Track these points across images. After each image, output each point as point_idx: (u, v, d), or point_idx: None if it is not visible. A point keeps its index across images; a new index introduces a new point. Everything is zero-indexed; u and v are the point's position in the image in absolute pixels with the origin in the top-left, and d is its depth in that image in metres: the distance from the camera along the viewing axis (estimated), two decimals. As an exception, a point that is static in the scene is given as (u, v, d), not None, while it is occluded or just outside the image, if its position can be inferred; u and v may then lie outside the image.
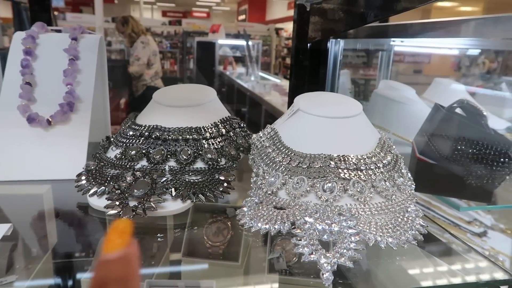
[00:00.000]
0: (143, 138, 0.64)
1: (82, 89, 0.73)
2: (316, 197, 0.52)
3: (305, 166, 0.56)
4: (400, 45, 1.44)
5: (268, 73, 6.13)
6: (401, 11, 0.78)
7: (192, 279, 0.51)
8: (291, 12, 1.19)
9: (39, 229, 0.59)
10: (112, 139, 0.70)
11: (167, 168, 0.60)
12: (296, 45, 1.14)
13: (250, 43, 4.87)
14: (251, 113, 3.55)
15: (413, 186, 0.58)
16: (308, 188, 0.53)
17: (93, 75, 0.75)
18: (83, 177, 0.61)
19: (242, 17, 12.82)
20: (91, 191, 0.58)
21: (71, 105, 0.71)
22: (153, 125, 0.65)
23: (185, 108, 0.69)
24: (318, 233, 0.46)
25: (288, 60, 11.05)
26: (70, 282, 0.56)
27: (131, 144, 0.64)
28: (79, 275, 0.52)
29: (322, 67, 1.17)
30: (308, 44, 1.13)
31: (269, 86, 3.91)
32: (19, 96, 0.70)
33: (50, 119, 0.69)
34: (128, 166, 0.61)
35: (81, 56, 0.75)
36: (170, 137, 0.64)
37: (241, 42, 6.26)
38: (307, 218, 0.48)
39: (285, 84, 4.36)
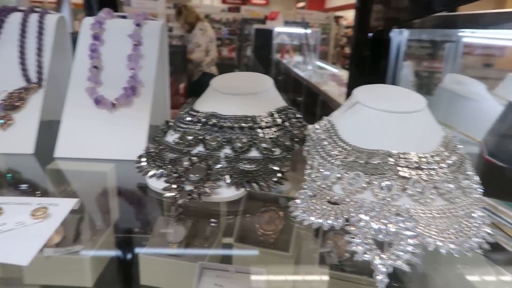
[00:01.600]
0: (200, 124, 0.66)
1: (144, 74, 0.76)
2: (373, 194, 0.50)
3: (362, 162, 0.54)
4: (470, 36, 1.34)
5: (325, 62, 6.00)
6: (473, 0, 0.72)
7: (243, 265, 0.52)
8: (353, 0, 1.15)
9: (102, 205, 0.63)
10: (170, 124, 0.72)
11: (222, 155, 0.60)
12: (357, 34, 1.10)
13: (308, 31, 4.78)
14: (307, 103, 3.50)
15: (481, 190, 0.54)
16: (364, 185, 0.51)
17: (155, 60, 0.77)
18: (143, 159, 0.64)
19: (301, 4, 12.61)
20: (150, 173, 0.60)
21: (134, 89, 0.73)
22: (210, 112, 0.66)
23: (241, 96, 0.70)
24: (373, 232, 0.44)
25: (347, 50, 10.74)
26: (129, 256, 0.60)
27: (188, 130, 0.65)
28: (137, 250, 0.54)
29: (383, 58, 1.12)
30: (370, 34, 1.08)
31: (326, 75, 3.83)
32: (87, 79, 0.74)
33: (114, 102, 0.72)
34: (185, 151, 0.62)
35: (144, 42, 0.78)
36: (226, 125, 0.64)
37: (299, 30, 6.18)
38: (362, 216, 0.46)
39: (343, 74, 4.24)
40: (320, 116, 0.68)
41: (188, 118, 0.67)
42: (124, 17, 0.84)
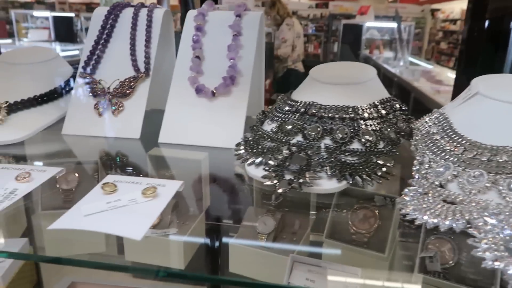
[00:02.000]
0: (298, 114, 0.64)
1: (243, 64, 0.76)
2: (499, 195, 0.44)
3: (485, 159, 0.48)
4: None
5: (418, 58, 5.63)
6: None
7: (333, 262, 0.49)
8: None
9: (197, 191, 0.64)
10: (267, 113, 0.71)
11: (322, 145, 0.58)
12: (470, 23, 0.99)
13: (401, 25, 4.51)
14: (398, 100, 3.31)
15: None
16: (488, 184, 0.45)
17: (253, 51, 0.77)
18: (242, 147, 0.64)
19: (393, -3, 11.97)
20: (249, 161, 0.60)
21: (233, 78, 0.74)
22: (309, 102, 0.64)
23: (342, 86, 0.66)
24: (504, 239, 0.38)
25: (443, 45, 9.95)
26: (217, 244, 0.60)
27: (287, 119, 0.64)
28: (226, 239, 0.55)
29: (501, 49, 0.99)
30: (486, 23, 0.97)
31: (419, 72, 3.58)
32: (190, 69, 0.77)
33: (214, 91, 0.74)
34: (283, 140, 0.61)
35: (243, 32, 0.78)
36: (326, 115, 0.62)
37: (390, 25, 5.86)
38: (488, 219, 0.41)
39: (438, 71, 3.93)
40: (412, 113, 0.63)
41: (286, 108, 0.66)
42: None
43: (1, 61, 0.83)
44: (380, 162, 0.55)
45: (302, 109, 0.64)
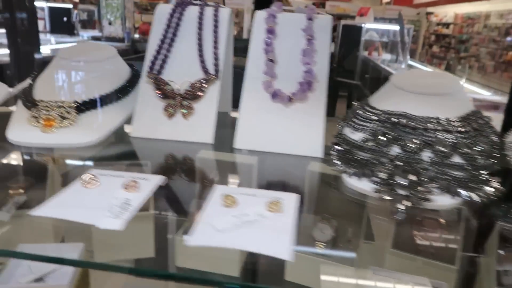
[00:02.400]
0: (388, 124, 0.63)
1: (318, 69, 0.74)
2: None
3: None
4: None
5: (415, 61, 5.69)
6: None
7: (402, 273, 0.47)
8: None
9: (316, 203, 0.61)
10: (347, 121, 0.70)
11: (426, 159, 0.57)
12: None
13: (404, 27, 4.54)
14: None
15: None
16: None
17: (327, 56, 0.76)
18: (334, 157, 0.63)
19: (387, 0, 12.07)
20: (348, 172, 0.58)
21: (310, 84, 0.72)
22: (401, 112, 0.63)
23: (429, 96, 0.65)
24: None
25: (435, 48, 10.09)
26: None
27: (374, 129, 0.63)
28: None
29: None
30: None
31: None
32: (263, 73, 0.74)
33: (291, 96, 0.72)
34: (380, 151, 0.60)
35: (316, 36, 0.77)
36: (419, 126, 0.60)
37: (390, 27, 5.90)
38: None
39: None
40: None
41: (374, 117, 0.65)
42: (290, 11, 0.84)
43: (61, 57, 0.79)
44: (490, 178, 0.54)
45: (394, 119, 0.62)
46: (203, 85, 0.75)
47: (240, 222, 0.42)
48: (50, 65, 0.82)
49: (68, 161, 0.67)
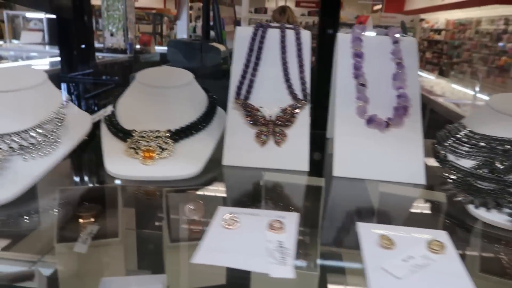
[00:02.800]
0: (498, 151, 0.62)
1: (410, 92, 0.73)
2: None
3: None
4: None
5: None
6: None
7: None
8: (437, 1, 1.05)
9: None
10: (445, 146, 0.69)
11: (556, 188, 0.56)
12: None
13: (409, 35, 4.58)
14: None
15: None
16: None
17: (417, 79, 0.75)
18: (450, 185, 0.62)
19: (378, 7, 12.24)
20: (476, 203, 0.57)
21: (406, 109, 0.71)
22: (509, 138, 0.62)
23: (534, 120, 0.65)
24: None
25: (428, 54, 10.24)
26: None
27: (487, 157, 0.62)
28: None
29: None
30: None
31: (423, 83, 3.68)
32: (356, 98, 0.73)
33: (388, 122, 0.71)
34: (497, 179, 0.59)
35: (404, 59, 0.76)
36: (534, 153, 0.60)
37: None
38: None
39: (438, 81, 4.07)
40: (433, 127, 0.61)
41: (482, 143, 0.64)
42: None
43: (140, 82, 0.77)
44: None
45: (507, 146, 0.62)
46: (295, 110, 0.73)
47: (413, 267, 0.41)
48: (129, 90, 0.79)
49: (177, 193, 0.64)
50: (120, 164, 0.65)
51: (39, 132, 0.61)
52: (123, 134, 0.69)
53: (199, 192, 0.65)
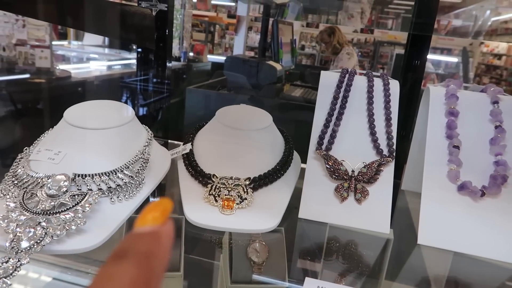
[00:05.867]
0: None
1: (509, 160, 0.68)
2: None
3: None
4: None
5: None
6: None
7: None
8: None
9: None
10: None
11: None
12: None
13: (470, 64, 4.40)
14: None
15: None
16: None
17: (518, 145, 0.69)
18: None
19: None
20: None
21: (504, 178, 0.66)
22: None
23: None
24: None
25: (485, 80, 9.76)
26: None
27: None
28: None
29: None
30: None
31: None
32: (448, 160, 0.69)
33: (484, 190, 0.65)
34: None
35: (504, 122, 0.70)
36: None
37: (447, 59, 5.75)
38: None
39: None
40: None
41: None
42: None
43: (219, 121, 0.76)
44: None
45: None
46: (380, 167, 0.69)
47: None
48: (208, 128, 0.79)
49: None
50: (199, 210, 0.63)
51: (126, 173, 0.61)
52: (202, 177, 0.68)
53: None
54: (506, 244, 0.64)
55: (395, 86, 0.76)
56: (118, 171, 0.60)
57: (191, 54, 5.28)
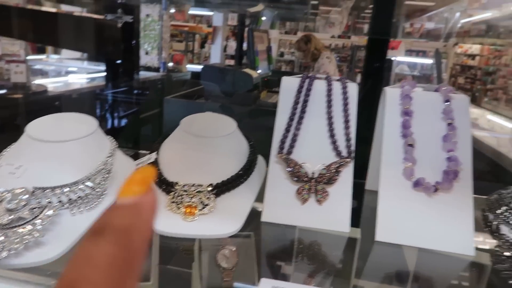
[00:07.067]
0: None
1: (460, 155, 0.71)
2: None
3: None
4: None
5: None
6: None
7: None
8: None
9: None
10: (496, 216, 0.65)
11: None
12: None
13: (442, 64, 4.52)
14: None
15: None
16: None
17: (469, 141, 0.72)
18: (505, 264, 0.58)
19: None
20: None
21: (456, 173, 0.69)
22: None
23: None
24: None
25: (460, 80, 10.01)
26: None
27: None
28: None
29: None
30: None
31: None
32: (404, 158, 0.71)
33: (437, 186, 0.68)
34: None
35: (455, 119, 0.73)
36: None
37: (422, 61, 5.89)
38: None
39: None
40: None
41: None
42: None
43: (183, 130, 0.78)
44: None
45: None
46: (339, 168, 0.72)
47: None
48: (172, 137, 0.80)
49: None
50: (161, 219, 0.64)
51: (87, 185, 0.62)
52: (165, 185, 0.69)
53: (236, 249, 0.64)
54: (459, 236, 0.66)
55: (353, 89, 0.79)
56: (79, 182, 0.61)
57: (170, 64, 5.27)
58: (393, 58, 5.61)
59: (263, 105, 2.45)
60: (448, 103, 0.74)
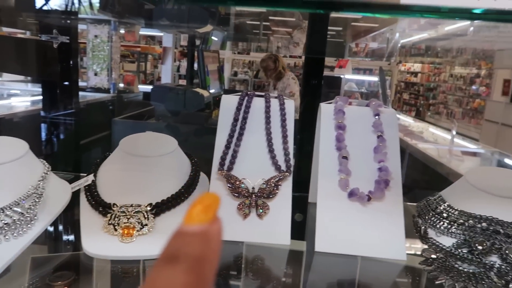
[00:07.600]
0: (477, 229, 0.63)
1: (391, 166, 0.75)
2: None
3: None
4: None
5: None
6: None
7: None
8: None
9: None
10: (424, 221, 0.70)
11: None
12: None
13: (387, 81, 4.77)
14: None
15: None
16: None
17: (397, 152, 0.77)
18: (431, 266, 0.62)
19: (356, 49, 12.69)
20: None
21: (387, 182, 0.73)
22: (490, 217, 0.64)
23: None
24: None
25: (405, 96, 10.60)
26: None
27: (467, 235, 0.63)
28: None
29: None
30: None
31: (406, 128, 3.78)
32: (339, 170, 0.74)
33: (370, 195, 0.71)
34: (477, 260, 0.59)
35: (385, 132, 0.78)
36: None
37: (369, 78, 6.19)
38: None
39: (419, 125, 4.22)
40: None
41: (467, 223, 0.65)
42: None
43: (122, 150, 0.76)
44: None
45: (484, 224, 0.63)
46: (278, 183, 0.73)
47: None
48: (111, 158, 0.79)
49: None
50: (98, 242, 0.63)
51: (16, 210, 0.59)
52: (102, 207, 0.67)
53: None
54: (392, 242, 0.70)
55: (290, 105, 0.82)
56: (7, 208, 0.58)
57: (121, 85, 5.16)
58: (342, 76, 5.85)
59: (214, 124, 2.45)
60: (378, 117, 0.79)
